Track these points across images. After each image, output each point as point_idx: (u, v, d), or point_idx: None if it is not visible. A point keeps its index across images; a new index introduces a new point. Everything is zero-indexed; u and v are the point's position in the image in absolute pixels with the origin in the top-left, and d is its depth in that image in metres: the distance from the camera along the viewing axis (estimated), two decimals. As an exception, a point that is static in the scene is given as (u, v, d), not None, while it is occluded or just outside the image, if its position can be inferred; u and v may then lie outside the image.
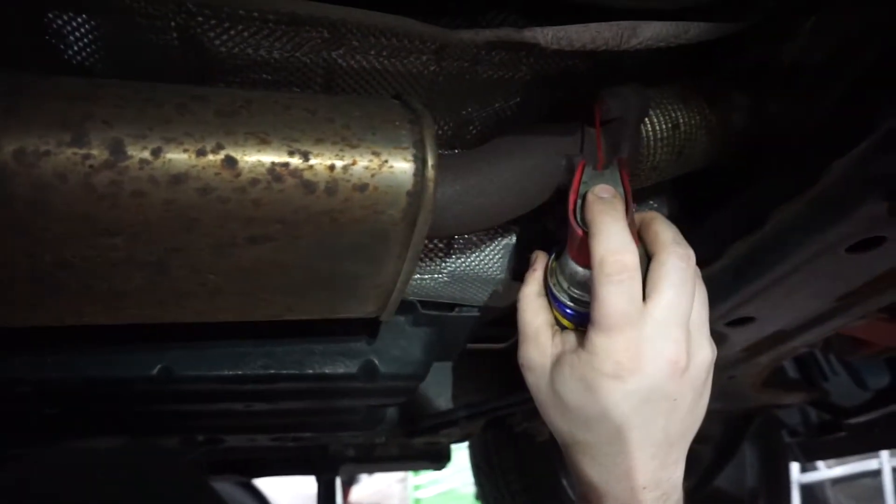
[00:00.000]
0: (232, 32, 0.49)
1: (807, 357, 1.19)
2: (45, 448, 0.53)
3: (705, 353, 0.50)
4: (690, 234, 0.66)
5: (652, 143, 0.58)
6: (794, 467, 2.78)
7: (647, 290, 0.47)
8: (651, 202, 0.76)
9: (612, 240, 0.46)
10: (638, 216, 0.53)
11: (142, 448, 0.60)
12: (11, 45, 0.48)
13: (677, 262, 0.48)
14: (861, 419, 1.12)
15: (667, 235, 0.50)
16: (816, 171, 0.48)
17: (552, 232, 0.62)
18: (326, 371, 0.75)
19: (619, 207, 0.48)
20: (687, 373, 0.48)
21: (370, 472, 1.23)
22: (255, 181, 0.38)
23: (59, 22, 0.48)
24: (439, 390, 0.93)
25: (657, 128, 0.58)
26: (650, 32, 0.47)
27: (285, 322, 0.62)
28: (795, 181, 0.50)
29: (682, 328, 0.48)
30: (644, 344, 0.46)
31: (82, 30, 0.48)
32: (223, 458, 1.13)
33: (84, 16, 0.48)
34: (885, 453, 2.87)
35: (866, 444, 1.30)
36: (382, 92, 0.55)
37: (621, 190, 0.51)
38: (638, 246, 0.48)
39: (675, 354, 0.47)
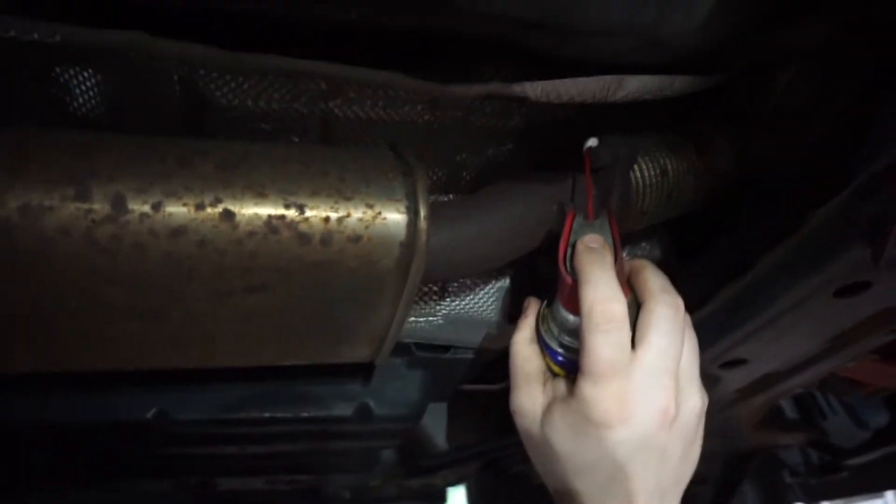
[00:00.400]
0: (233, 85, 0.51)
1: (806, 397, 1.19)
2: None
3: (695, 401, 0.50)
4: (681, 276, 0.67)
5: (641, 189, 0.59)
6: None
7: (636, 339, 0.48)
8: (642, 244, 0.78)
9: (600, 289, 0.46)
10: (627, 264, 0.54)
11: None
12: (19, 97, 0.50)
13: (666, 311, 0.49)
14: (860, 460, 1.11)
15: (655, 284, 0.51)
16: (800, 217, 0.49)
17: (545, 276, 0.63)
18: (321, 414, 0.75)
19: (608, 257, 0.49)
20: (677, 422, 0.48)
21: (366, 515, 1.21)
22: (252, 233, 0.39)
23: (66, 76, 0.50)
24: (435, 432, 0.92)
25: (646, 174, 0.59)
26: (636, 85, 0.49)
27: (280, 366, 0.63)
28: (781, 226, 0.51)
29: (671, 376, 0.48)
30: (633, 392, 0.46)
31: (88, 83, 0.50)
32: (216, 502, 1.11)
33: (90, 70, 0.50)
34: (889, 494, 2.82)
35: (868, 485, 1.28)
36: (378, 140, 0.56)
37: (610, 240, 0.52)
38: (627, 294, 0.49)
39: (665, 403, 0.47)
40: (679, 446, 0.49)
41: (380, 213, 0.41)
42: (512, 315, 0.75)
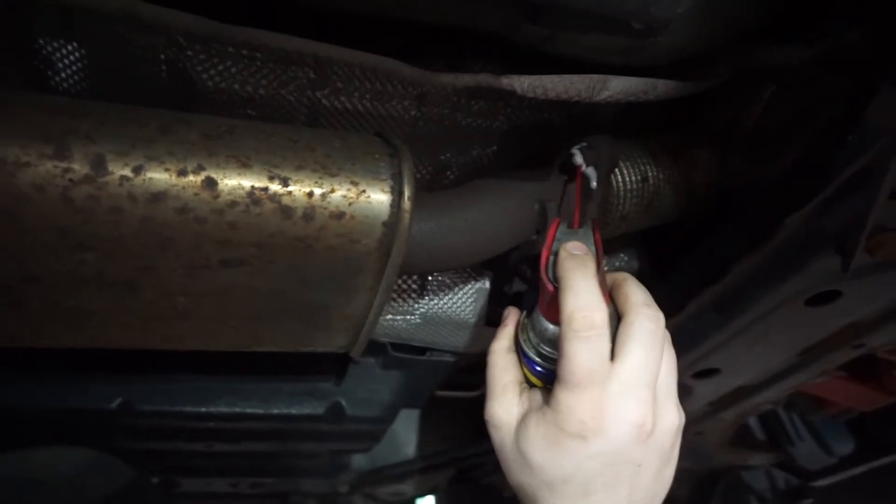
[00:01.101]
0: (220, 67, 0.51)
1: (773, 421, 1.20)
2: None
3: (672, 417, 0.49)
4: (656, 286, 0.68)
5: (621, 193, 0.60)
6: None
7: (615, 351, 0.47)
8: (621, 254, 0.79)
9: (581, 297, 0.46)
10: (610, 277, 0.54)
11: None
12: (-1, 67, 0.49)
13: (647, 324, 0.48)
14: (826, 482, 1.12)
15: (637, 297, 0.50)
16: (773, 226, 0.50)
17: (528, 279, 0.63)
18: (292, 411, 0.73)
19: (591, 265, 0.48)
20: (652, 437, 0.47)
21: (330, 525, 1.18)
22: (233, 203, 0.39)
23: (49, 48, 0.49)
24: (405, 438, 0.91)
25: (627, 179, 0.60)
26: (621, 87, 0.50)
27: (252, 359, 0.62)
28: (754, 235, 0.52)
29: (648, 390, 0.47)
30: (609, 404, 0.45)
31: (72, 57, 0.49)
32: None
33: (74, 43, 0.49)
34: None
35: (832, 511, 1.29)
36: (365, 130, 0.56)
37: (594, 249, 0.52)
38: (608, 305, 0.48)
39: (641, 417, 0.46)
40: (654, 463, 0.48)
41: (364, 191, 0.41)
42: (490, 319, 0.75)
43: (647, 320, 0.48)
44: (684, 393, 0.72)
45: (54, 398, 0.66)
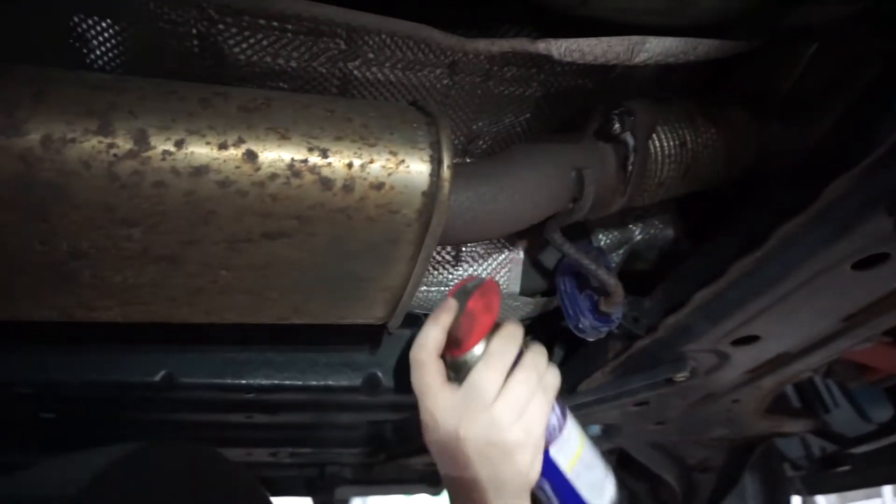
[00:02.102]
0: (252, 41, 0.50)
1: (809, 389, 1.19)
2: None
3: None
4: (694, 253, 0.67)
5: (659, 159, 0.59)
6: (796, 501, 2.73)
7: None
8: (655, 222, 0.77)
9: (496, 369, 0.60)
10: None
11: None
12: (35, 46, 0.50)
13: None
14: (864, 449, 1.11)
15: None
16: (818, 188, 0.48)
17: (564, 249, 0.63)
18: (330, 382, 0.74)
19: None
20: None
21: (366, 494, 1.21)
22: (274, 176, 0.39)
23: (84, 26, 0.49)
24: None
25: (664, 144, 0.59)
26: (660, 48, 0.49)
27: (289, 331, 0.62)
28: (797, 198, 0.50)
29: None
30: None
31: (106, 34, 0.50)
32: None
33: (109, 20, 0.49)
34: (887, 491, 2.83)
35: (869, 478, 1.28)
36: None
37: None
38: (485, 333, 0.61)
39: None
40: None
41: (403, 160, 0.41)
42: (526, 288, 0.75)
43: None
44: (723, 360, 0.72)
45: (100, 372, 0.67)
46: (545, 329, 0.84)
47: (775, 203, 0.56)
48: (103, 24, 0.49)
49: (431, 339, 0.57)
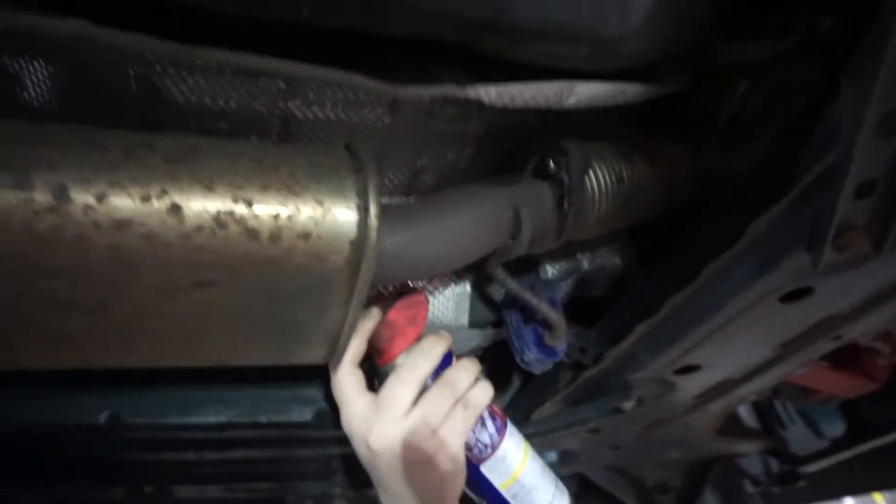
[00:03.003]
0: (189, 82, 0.50)
1: (764, 405, 1.21)
2: None
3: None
4: (638, 283, 0.68)
5: (597, 195, 0.60)
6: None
7: None
8: (602, 251, 0.79)
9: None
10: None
11: None
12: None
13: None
14: (817, 466, 1.13)
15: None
16: (742, 226, 0.50)
17: (506, 284, 0.64)
18: (279, 419, 0.74)
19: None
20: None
21: (328, 526, 1.19)
22: (199, 227, 0.39)
23: (16, 67, 0.49)
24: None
25: (601, 180, 0.60)
26: (588, 92, 0.50)
27: (237, 369, 0.62)
28: (724, 235, 0.52)
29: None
30: None
31: (39, 75, 0.49)
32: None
33: (40, 61, 0.49)
34: (848, 500, 2.88)
35: (827, 492, 1.31)
36: (337, 141, 0.56)
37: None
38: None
39: None
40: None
41: (330, 209, 0.41)
42: (474, 321, 0.75)
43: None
44: (668, 388, 0.73)
45: (41, 415, 0.66)
46: (500, 359, 0.85)
47: (704, 239, 0.57)
48: (35, 65, 0.49)
49: (349, 347, 0.58)
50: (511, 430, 0.69)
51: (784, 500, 1.43)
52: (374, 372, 0.65)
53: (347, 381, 0.62)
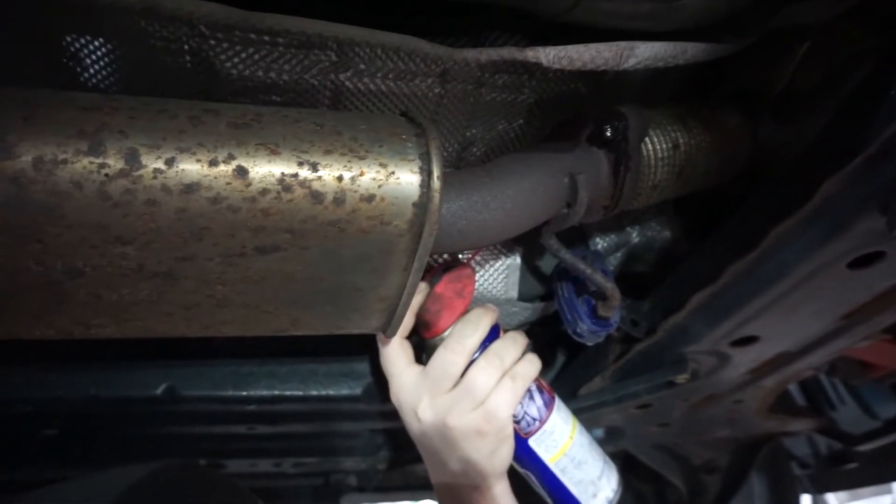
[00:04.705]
0: (243, 55, 0.51)
1: (814, 386, 1.18)
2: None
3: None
4: (691, 255, 0.67)
5: (652, 162, 0.59)
6: (805, 500, 2.72)
7: None
8: (652, 224, 0.77)
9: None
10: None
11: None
12: (29, 66, 0.50)
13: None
14: (871, 446, 1.10)
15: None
16: (811, 189, 0.48)
17: (555, 253, 0.63)
18: (330, 392, 0.75)
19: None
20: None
21: (372, 501, 1.21)
22: (265, 191, 0.39)
23: (77, 45, 0.50)
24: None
25: (657, 147, 0.59)
26: (648, 52, 0.49)
27: (289, 343, 0.63)
28: (790, 199, 0.51)
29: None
30: None
31: (98, 52, 0.50)
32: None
33: (101, 39, 0.49)
34: (896, 487, 2.81)
35: (877, 475, 1.27)
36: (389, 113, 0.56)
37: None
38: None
39: None
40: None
41: (393, 172, 0.41)
42: (524, 293, 0.75)
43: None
44: (723, 362, 0.71)
45: (101, 387, 0.68)
46: (546, 334, 0.85)
47: (769, 204, 0.56)
48: (95, 44, 0.50)
49: None
50: (559, 404, 0.68)
51: (833, 483, 1.40)
52: (422, 345, 0.65)
53: (396, 353, 0.62)
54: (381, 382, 0.77)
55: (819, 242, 0.52)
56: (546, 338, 0.85)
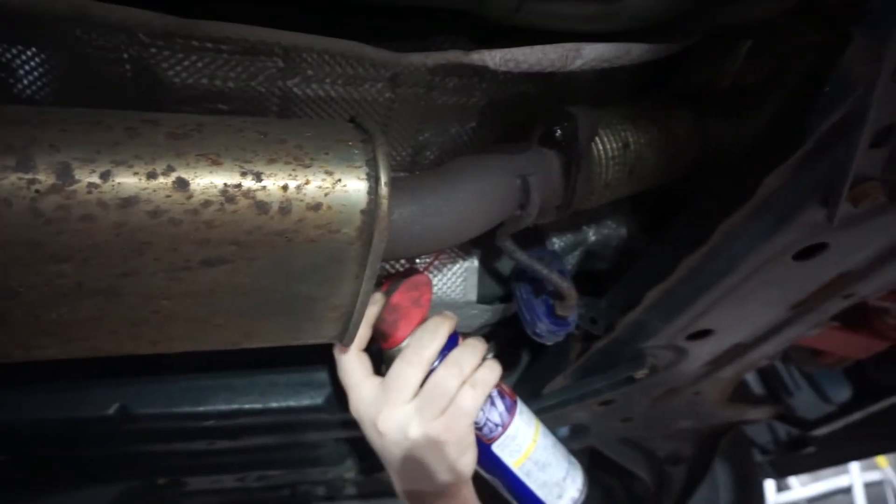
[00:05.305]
0: (186, 63, 0.49)
1: (771, 374, 1.22)
2: None
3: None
4: (646, 251, 0.68)
5: (603, 161, 0.59)
6: (770, 490, 2.80)
7: None
8: (608, 222, 0.78)
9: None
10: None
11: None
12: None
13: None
14: (827, 430, 1.14)
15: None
16: (756, 183, 0.49)
17: (511, 254, 0.63)
18: (291, 403, 0.73)
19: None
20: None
21: (342, 511, 1.19)
22: (207, 203, 0.38)
23: (9, 56, 0.48)
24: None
25: (607, 146, 0.60)
26: (594, 53, 0.49)
27: (246, 354, 0.61)
28: (737, 193, 0.52)
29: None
30: None
31: (32, 63, 0.48)
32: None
33: (34, 48, 0.48)
34: (854, 469, 2.91)
35: (834, 457, 1.32)
36: (341, 117, 0.55)
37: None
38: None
39: None
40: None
41: (339, 179, 0.40)
42: (483, 296, 0.75)
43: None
44: (679, 355, 0.73)
45: (50, 409, 0.65)
46: (508, 334, 0.85)
47: (717, 199, 0.57)
48: (28, 53, 0.48)
49: None
50: (521, 408, 0.68)
51: (793, 468, 1.44)
52: (381, 356, 0.65)
53: (353, 365, 0.62)
54: (342, 391, 0.76)
55: (765, 235, 0.53)
56: (508, 338, 0.85)
